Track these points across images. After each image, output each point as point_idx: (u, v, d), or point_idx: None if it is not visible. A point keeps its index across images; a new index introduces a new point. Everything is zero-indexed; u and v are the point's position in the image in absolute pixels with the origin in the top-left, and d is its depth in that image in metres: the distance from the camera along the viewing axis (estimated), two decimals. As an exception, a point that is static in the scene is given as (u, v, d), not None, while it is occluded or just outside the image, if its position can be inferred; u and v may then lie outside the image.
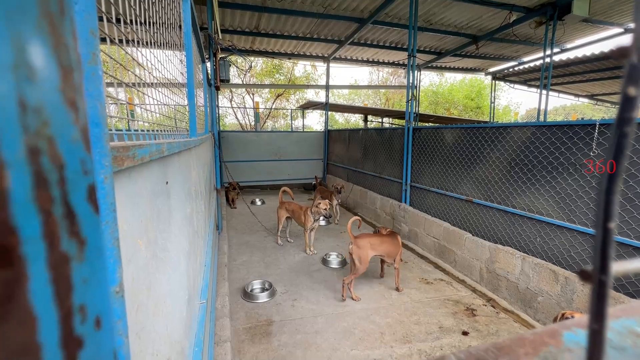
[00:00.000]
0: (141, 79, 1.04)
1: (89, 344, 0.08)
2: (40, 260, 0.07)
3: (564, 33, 6.59)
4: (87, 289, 0.09)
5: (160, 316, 0.98)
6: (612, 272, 0.11)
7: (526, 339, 0.20)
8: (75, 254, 0.09)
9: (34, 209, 0.07)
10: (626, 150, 0.10)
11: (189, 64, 2.22)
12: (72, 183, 0.09)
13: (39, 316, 0.07)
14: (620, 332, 0.20)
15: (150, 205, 0.91)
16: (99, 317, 0.09)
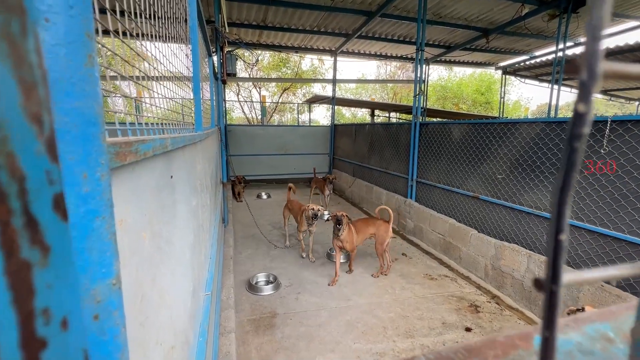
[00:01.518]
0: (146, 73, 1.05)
1: (53, 344, 0.09)
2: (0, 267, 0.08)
3: (577, 26, 6.41)
4: (51, 293, 0.09)
5: (165, 307, 1.00)
6: (562, 282, 0.11)
7: (497, 342, 0.20)
8: (37, 260, 0.09)
9: None
10: (578, 164, 0.10)
11: (195, 58, 2.22)
12: (35, 193, 0.09)
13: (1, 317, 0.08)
14: (592, 337, 0.20)
15: (154, 198, 0.92)
16: (66, 318, 0.10)
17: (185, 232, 1.46)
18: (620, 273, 0.12)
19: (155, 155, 0.89)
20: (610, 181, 2.65)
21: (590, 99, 0.09)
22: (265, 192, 8.36)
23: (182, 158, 1.46)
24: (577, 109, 0.10)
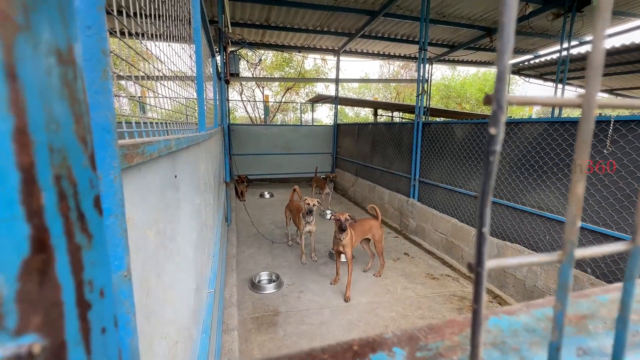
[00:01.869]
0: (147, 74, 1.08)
1: (95, 307, 0.12)
2: (62, 248, 0.11)
3: (582, 25, 6.37)
4: (94, 269, 0.12)
5: (169, 302, 1.03)
6: (486, 266, 0.14)
7: (455, 322, 0.23)
8: (85, 244, 0.12)
9: (58, 215, 0.11)
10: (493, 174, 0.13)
11: (198, 58, 2.26)
12: (83, 195, 0.12)
13: (62, 284, 0.11)
14: (539, 318, 0.23)
15: (159, 198, 0.96)
16: (102, 289, 0.13)
17: (189, 231, 1.50)
18: (536, 260, 0.15)
19: (161, 156, 0.93)
20: (613, 181, 2.65)
21: (500, 125, 0.12)
22: (268, 191, 8.40)
23: (186, 158, 1.49)
24: (490, 131, 0.12)
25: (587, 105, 0.13)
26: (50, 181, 0.10)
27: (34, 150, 0.10)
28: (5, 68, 0.09)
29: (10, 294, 0.10)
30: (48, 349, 0.10)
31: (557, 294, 0.15)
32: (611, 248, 0.15)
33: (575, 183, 0.14)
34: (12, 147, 0.09)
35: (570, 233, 0.14)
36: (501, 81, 0.12)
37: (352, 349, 0.19)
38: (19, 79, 0.10)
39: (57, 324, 0.11)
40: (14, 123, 0.09)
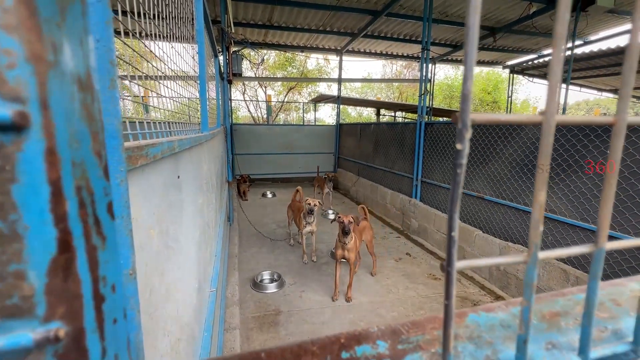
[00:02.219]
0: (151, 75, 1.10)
1: (108, 300, 0.14)
2: (82, 248, 0.12)
3: (587, 25, 6.33)
4: (107, 267, 0.14)
5: (172, 301, 1.05)
6: (455, 267, 0.15)
7: (437, 318, 0.24)
8: (100, 245, 0.14)
9: (79, 220, 0.12)
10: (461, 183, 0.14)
11: (201, 59, 2.28)
12: (98, 202, 0.14)
13: (82, 279, 0.12)
14: (514, 315, 0.24)
15: (162, 198, 0.98)
16: (114, 285, 0.14)
17: (192, 230, 1.52)
18: (504, 261, 0.16)
19: (164, 157, 0.94)
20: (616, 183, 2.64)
21: (465, 141, 0.13)
22: (270, 191, 8.43)
23: (188, 158, 1.51)
24: (457, 147, 0.14)
25: (547, 124, 0.15)
26: (72, 191, 0.12)
27: (60, 166, 0.11)
28: (39, 101, 0.11)
29: (40, 287, 0.11)
30: (70, 334, 0.12)
31: (523, 292, 0.16)
32: (575, 250, 0.17)
33: (538, 190, 0.15)
34: (44, 165, 0.11)
35: (534, 236, 0.15)
36: (465, 102, 0.13)
37: (339, 341, 0.21)
38: (49, 108, 0.11)
39: (77, 313, 0.12)
40: (45, 145, 0.11)
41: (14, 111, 0.11)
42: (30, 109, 0.11)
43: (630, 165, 2.54)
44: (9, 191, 0.11)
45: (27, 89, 0.11)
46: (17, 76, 0.11)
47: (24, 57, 0.11)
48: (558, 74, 0.14)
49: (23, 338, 0.11)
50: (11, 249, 0.11)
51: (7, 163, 0.11)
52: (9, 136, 0.11)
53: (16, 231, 0.11)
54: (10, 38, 0.10)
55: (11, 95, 0.11)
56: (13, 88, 0.11)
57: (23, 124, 0.11)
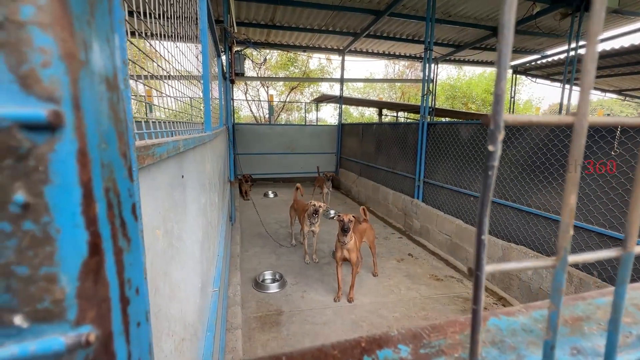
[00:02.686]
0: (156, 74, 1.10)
1: (132, 303, 0.14)
2: (110, 251, 0.12)
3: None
4: (131, 269, 0.14)
5: (176, 300, 1.05)
6: (485, 270, 0.15)
7: (457, 322, 0.24)
8: (125, 247, 0.13)
9: (107, 222, 0.12)
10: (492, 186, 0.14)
11: (205, 58, 2.28)
12: (124, 204, 0.14)
13: (110, 282, 0.12)
14: (536, 319, 0.24)
15: (167, 198, 0.98)
16: (138, 287, 0.14)
17: (195, 230, 1.52)
18: (532, 265, 0.16)
19: (169, 157, 0.94)
20: (620, 184, 2.63)
21: (497, 143, 0.13)
22: (272, 190, 8.44)
23: (192, 158, 1.51)
24: (489, 148, 0.14)
25: (579, 124, 0.14)
26: (102, 193, 0.12)
27: (91, 167, 0.11)
28: (72, 100, 0.11)
29: (72, 290, 0.11)
30: (100, 339, 0.12)
31: (551, 296, 0.16)
32: (603, 254, 0.16)
33: (568, 194, 0.15)
34: (76, 166, 0.11)
35: (563, 240, 0.15)
36: (499, 103, 0.13)
37: (360, 345, 0.20)
38: (81, 108, 0.11)
39: (106, 317, 0.12)
40: (77, 145, 0.11)
41: (49, 110, 0.10)
42: (64, 108, 0.11)
43: (635, 167, 2.53)
44: (42, 193, 0.11)
45: (61, 88, 0.10)
46: (52, 75, 0.10)
47: (58, 55, 0.10)
48: (592, 74, 0.14)
49: (55, 343, 0.11)
50: (43, 252, 0.11)
51: (41, 163, 0.10)
52: (43, 136, 0.10)
53: (48, 234, 0.11)
54: (45, 36, 0.10)
55: (46, 95, 0.10)
56: (47, 87, 0.10)
57: (57, 124, 0.10)
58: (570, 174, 0.15)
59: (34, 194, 0.11)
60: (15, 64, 0.10)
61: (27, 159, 0.10)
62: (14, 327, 0.10)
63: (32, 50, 0.10)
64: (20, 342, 0.10)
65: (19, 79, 0.10)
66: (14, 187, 0.10)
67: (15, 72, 0.10)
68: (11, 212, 0.10)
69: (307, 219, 4.15)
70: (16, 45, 0.10)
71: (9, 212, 0.10)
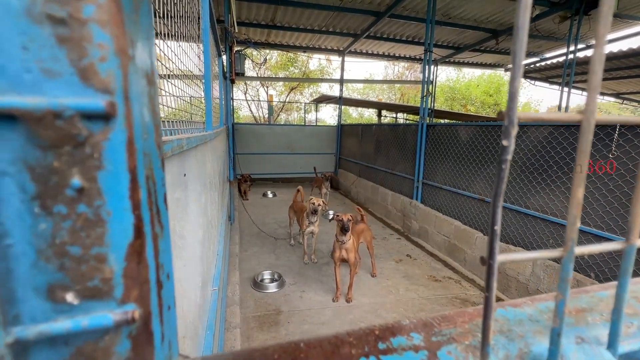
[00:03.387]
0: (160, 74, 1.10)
1: (165, 287, 0.14)
2: (149, 236, 0.13)
3: (589, 28, 6.33)
4: (164, 255, 0.14)
5: (177, 298, 1.06)
6: (497, 259, 0.15)
7: (466, 312, 0.24)
8: (160, 233, 0.14)
9: (147, 208, 0.13)
10: (505, 179, 0.15)
11: (207, 58, 2.29)
12: (159, 192, 0.14)
13: (149, 265, 0.13)
14: (542, 311, 0.24)
15: (169, 196, 0.98)
16: (169, 273, 0.15)
17: (196, 228, 1.52)
18: (540, 255, 0.17)
19: (173, 155, 0.95)
20: (618, 186, 2.65)
21: (511, 138, 0.14)
22: (271, 190, 8.44)
23: (194, 157, 1.52)
24: (502, 143, 0.14)
25: (587, 122, 0.15)
26: (143, 180, 0.13)
27: (136, 155, 0.12)
28: (123, 92, 0.11)
29: (119, 270, 0.12)
30: (141, 317, 0.12)
31: (558, 286, 0.17)
32: (608, 246, 0.17)
33: (576, 187, 0.16)
34: (126, 154, 0.11)
35: (571, 232, 0.16)
36: (513, 100, 0.14)
37: (374, 333, 0.21)
38: (129, 100, 0.12)
39: (146, 297, 0.13)
40: (127, 135, 0.12)
41: (106, 101, 0.11)
42: (117, 99, 0.11)
43: (632, 170, 2.55)
44: (96, 178, 0.11)
45: (115, 81, 0.11)
46: (108, 69, 0.11)
47: (113, 51, 0.11)
48: (599, 74, 0.14)
49: (104, 319, 0.11)
50: (95, 234, 0.11)
51: (96, 151, 0.11)
52: (99, 125, 0.11)
53: (100, 216, 0.11)
54: (103, 33, 0.11)
55: (103, 87, 0.11)
56: (104, 80, 0.11)
57: (112, 114, 0.11)
58: (577, 169, 0.15)
59: (89, 179, 0.11)
60: (76, 58, 0.10)
61: (84, 146, 0.11)
62: (67, 303, 0.11)
63: (91, 45, 0.11)
64: (72, 317, 0.11)
65: (79, 72, 0.11)
66: (71, 172, 0.11)
67: (77, 65, 0.10)
68: (68, 195, 0.11)
69: (306, 218, 4.15)
70: (78, 41, 0.10)
71: (66, 195, 0.11)
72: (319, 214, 4.17)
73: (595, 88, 0.14)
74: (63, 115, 0.11)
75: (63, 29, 0.10)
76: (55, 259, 0.11)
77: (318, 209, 4.06)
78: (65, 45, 0.10)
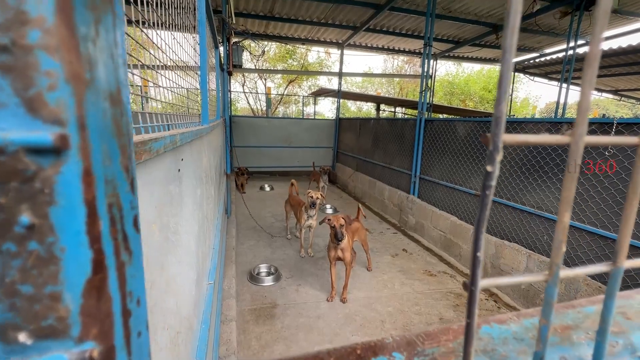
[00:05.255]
0: (150, 65, 1.08)
1: (134, 315, 0.14)
2: (113, 267, 0.12)
3: (590, 24, 6.30)
4: (133, 281, 0.14)
5: (171, 294, 1.06)
6: (479, 285, 0.15)
7: (451, 329, 0.24)
8: (127, 260, 0.14)
9: (110, 239, 0.12)
10: (488, 205, 0.14)
11: (202, 49, 2.25)
12: (126, 217, 0.14)
13: (113, 297, 0.12)
14: (527, 328, 0.24)
15: (163, 192, 0.97)
16: (139, 298, 0.14)
17: (191, 223, 1.52)
18: (525, 280, 0.16)
19: (166, 151, 0.94)
20: (613, 183, 2.67)
21: (496, 163, 0.13)
22: (268, 184, 8.42)
23: (189, 152, 1.50)
24: (487, 169, 0.14)
25: (575, 144, 0.15)
26: (105, 210, 0.12)
27: (95, 186, 0.11)
28: (77, 121, 0.11)
29: (75, 308, 0.11)
30: (102, 354, 0.12)
31: (542, 310, 0.16)
32: (594, 269, 0.17)
33: (562, 212, 0.15)
34: (81, 186, 0.11)
35: (555, 256, 0.16)
36: (498, 124, 0.13)
37: (355, 352, 0.21)
38: (86, 128, 0.11)
39: (108, 332, 0.12)
40: (82, 165, 0.11)
41: (55, 134, 0.10)
42: (70, 130, 0.11)
43: (628, 167, 2.56)
44: (47, 214, 0.11)
45: (67, 110, 0.10)
46: (58, 98, 0.10)
47: (63, 78, 0.10)
48: (588, 96, 0.14)
49: (59, 359, 0.11)
50: (47, 272, 0.11)
51: (46, 185, 0.10)
52: (49, 159, 0.10)
53: (53, 253, 0.11)
54: (51, 59, 0.10)
55: (52, 118, 0.10)
56: (54, 110, 0.10)
57: (63, 147, 0.10)
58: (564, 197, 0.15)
59: (39, 215, 0.11)
60: (21, 88, 0.10)
61: (33, 181, 0.10)
62: (19, 343, 0.11)
63: (38, 74, 0.10)
64: (26, 358, 0.11)
65: (26, 103, 0.10)
66: (20, 208, 0.10)
67: (22, 96, 0.10)
68: (16, 232, 0.10)
69: (305, 212, 4.15)
70: (23, 70, 0.10)
71: (15, 232, 0.10)
72: (317, 208, 4.17)
73: (585, 109, 0.14)
74: (6, 150, 0.10)
75: (6, 56, 0.09)
76: (5, 299, 0.10)
77: (316, 202, 4.07)
78: (10, 74, 0.10)
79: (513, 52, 0.12)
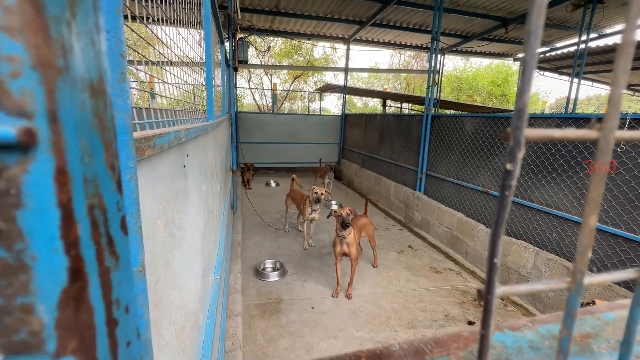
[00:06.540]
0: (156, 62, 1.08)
1: (121, 324, 0.13)
2: (94, 274, 0.11)
3: (603, 17, 6.13)
4: (120, 288, 0.13)
5: (177, 289, 1.06)
6: (496, 294, 0.14)
7: (461, 336, 0.23)
8: (113, 265, 0.13)
9: (91, 244, 0.11)
10: (508, 207, 0.13)
11: (208, 45, 2.24)
12: (111, 220, 0.13)
13: (94, 307, 0.11)
14: (543, 335, 0.23)
15: (168, 188, 0.97)
16: (128, 305, 0.14)
17: (196, 219, 1.52)
18: (545, 287, 0.15)
19: (171, 147, 0.93)
20: (625, 180, 2.60)
21: (517, 161, 0.12)
22: (274, 180, 8.44)
23: (194, 147, 1.50)
24: (506, 167, 0.13)
25: (605, 139, 0.13)
26: (84, 212, 0.11)
27: (71, 186, 0.10)
28: (47, 114, 0.10)
29: (50, 321, 0.10)
30: None
31: (563, 320, 0.15)
32: (620, 275, 0.16)
33: (589, 215, 0.14)
34: (54, 186, 0.10)
35: (580, 263, 0.14)
36: (521, 118, 0.12)
37: (360, 360, 0.20)
38: (59, 121, 0.10)
39: (90, 344, 0.11)
40: (55, 163, 0.10)
41: (19, 128, 0.09)
42: (38, 124, 0.10)
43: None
44: (14, 217, 0.10)
45: (34, 100, 0.09)
46: (22, 86, 0.09)
47: (29, 63, 0.09)
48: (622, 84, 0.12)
49: None
50: (17, 282, 0.10)
51: (12, 186, 0.09)
52: (13, 156, 0.10)
53: (23, 261, 0.10)
54: (13, 42, 0.09)
55: (16, 109, 0.09)
56: (17, 100, 0.09)
57: (29, 142, 0.09)
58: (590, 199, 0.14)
59: (6, 219, 0.10)
60: None
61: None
62: None
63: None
64: None
65: None
66: None
67: None
68: None
69: (309, 206, 4.18)
70: None
71: None
72: (322, 203, 4.19)
73: (617, 102, 0.13)
74: (-38, 146, 0.09)
75: (-44, 38, 0.09)
76: (-28, 311, 0.10)
77: (321, 197, 4.08)
78: (-34, 60, 0.09)
79: (539, 35, 0.11)
